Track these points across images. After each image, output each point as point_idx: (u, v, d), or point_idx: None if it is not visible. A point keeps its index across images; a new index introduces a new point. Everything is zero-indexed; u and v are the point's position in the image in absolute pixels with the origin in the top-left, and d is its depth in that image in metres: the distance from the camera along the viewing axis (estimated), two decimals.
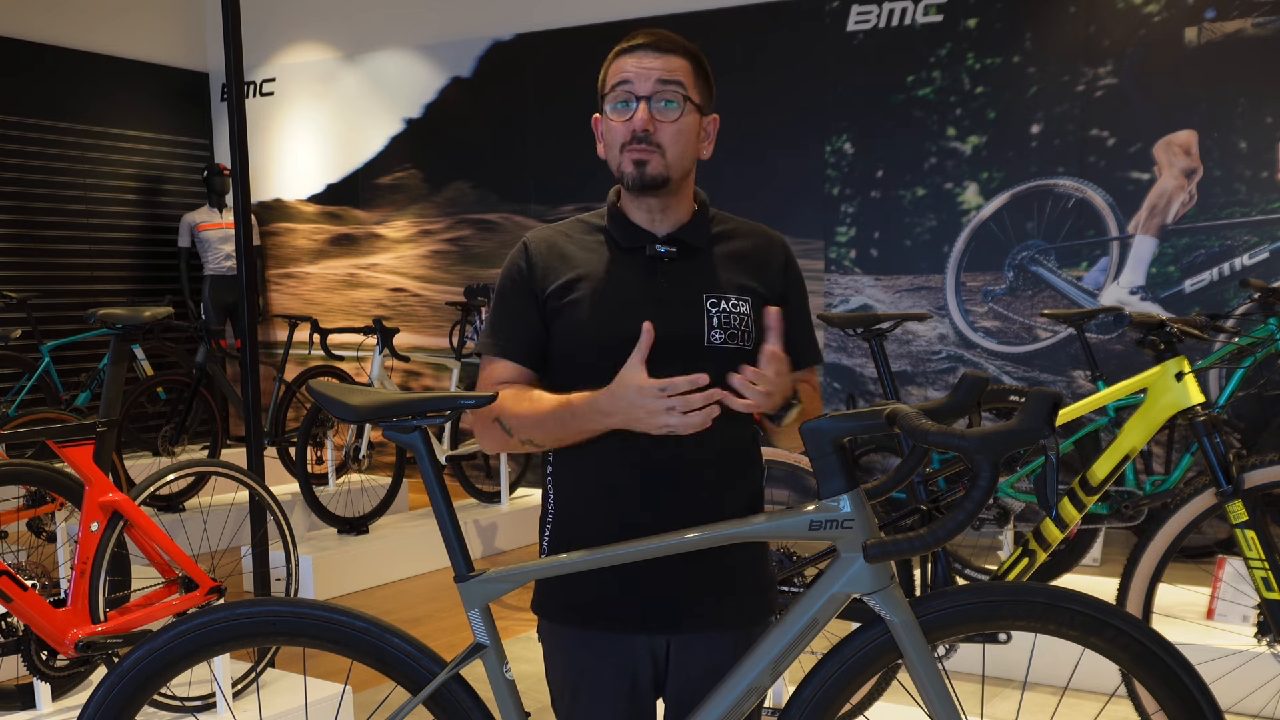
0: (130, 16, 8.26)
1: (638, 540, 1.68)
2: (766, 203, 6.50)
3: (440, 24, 7.78)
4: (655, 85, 1.80)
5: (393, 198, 8.08)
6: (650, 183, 1.81)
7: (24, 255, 7.61)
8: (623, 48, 1.85)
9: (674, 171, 1.83)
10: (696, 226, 1.89)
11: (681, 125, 1.82)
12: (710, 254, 1.89)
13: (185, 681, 3.37)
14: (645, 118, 1.80)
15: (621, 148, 1.82)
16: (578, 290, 1.85)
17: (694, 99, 1.84)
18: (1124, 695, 3.25)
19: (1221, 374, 5.24)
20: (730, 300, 1.84)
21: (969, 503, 1.47)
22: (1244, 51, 5.39)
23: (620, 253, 1.88)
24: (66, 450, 3.05)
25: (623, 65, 1.83)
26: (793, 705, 1.69)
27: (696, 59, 1.86)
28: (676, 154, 1.82)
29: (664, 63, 1.81)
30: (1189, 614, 4.03)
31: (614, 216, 1.90)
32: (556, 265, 1.87)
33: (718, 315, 1.83)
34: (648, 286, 1.84)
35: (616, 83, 1.82)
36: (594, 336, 1.82)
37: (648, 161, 1.80)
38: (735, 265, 1.89)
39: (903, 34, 6.16)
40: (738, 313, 1.84)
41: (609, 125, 1.85)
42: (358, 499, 6.02)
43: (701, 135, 1.88)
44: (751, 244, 1.93)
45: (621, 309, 1.82)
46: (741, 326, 1.84)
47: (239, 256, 3.80)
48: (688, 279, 1.85)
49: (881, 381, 3.65)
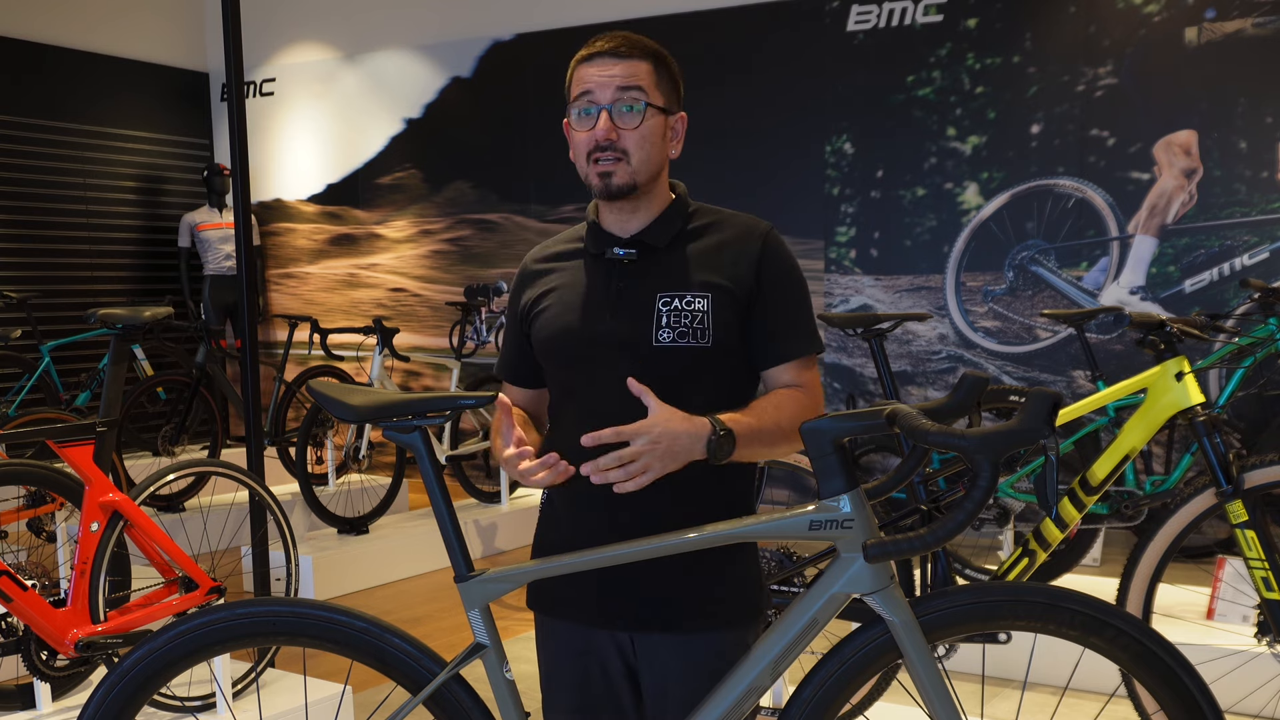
0: (130, 16, 8.26)
1: (639, 540, 1.68)
2: (766, 203, 6.49)
3: (440, 24, 7.78)
4: (615, 93, 1.81)
5: (393, 198, 8.09)
6: (617, 192, 1.83)
7: (24, 255, 7.61)
8: (583, 55, 1.85)
9: (640, 177, 1.83)
10: (662, 225, 1.88)
11: (644, 131, 1.82)
12: (675, 252, 1.88)
13: (185, 681, 3.37)
14: (607, 127, 1.80)
15: (588, 158, 1.84)
16: (547, 302, 1.92)
17: (656, 102, 1.84)
18: (1124, 695, 3.25)
19: (1221, 374, 5.24)
20: (685, 298, 1.83)
21: (969, 503, 1.47)
22: (1244, 51, 5.39)
23: (590, 260, 1.92)
24: (66, 450, 3.05)
25: (584, 74, 1.84)
26: (793, 705, 1.69)
27: (659, 59, 1.86)
28: (642, 159, 1.82)
29: (623, 68, 1.82)
30: (1189, 614, 4.03)
31: (590, 223, 1.94)
32: (535, 284, 1.96)
33: (668, 314, 1.82)
34: (604, 290, 1.87)
35: (579, 92, 1.83)
36: (555, 344, 1.89)
37: (613, 172, 1.82)
38: (702, 261, 1.86)
39: (903, 34, 6.16)
40: (690, 310, 1.82)
41: (573, 135, 1.86)
42: (358, 499, 6.02)
43: (669, 135, 1.88)
44: (726, 236, 1.89)
45: (578, 314, 1.87)
46: (694, 324, 1.81)
47: (239, 256, 3.80)
48: (644, 279, 1.86)
49: (881, 381, 3.65)
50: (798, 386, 1.87)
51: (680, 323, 1.82)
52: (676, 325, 1.82)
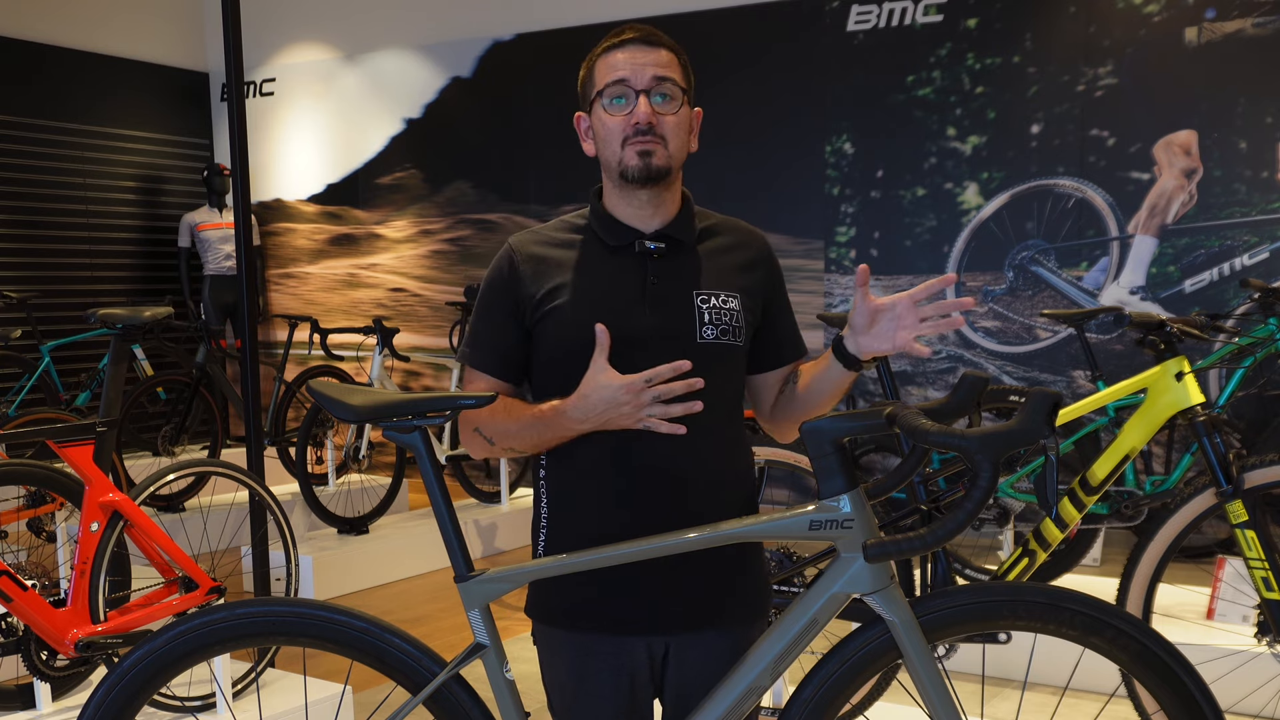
0: (130, 16, 8.26)
1: (638, 540, 1.68)
2: (767, 203, 6.49)
3: (440, 24, 7.78)
4: (652, 80, 1.80)
5: (393, 198, 8.08)
6: (656, 173, 1.80)
7: (24, 255, 7.61)
8: (610, 44, 1.84)
9: (675, 162, 1.83)
10: (685, 222, 1.88)
11: (680, 117, 1.84)
12: (698, 251, 1.89)
13: (185, 681, 3.37)
14: (648, 110, 1.79)
15: (624, 141, 1.80)
16: (563, 294, 1.83)
17: (687, 93, 1.86)
18: (1124, 695, 3.25)
19: (1221, 374, 5.24)
20: (720, 296, 1.85)
21: (969, 503, 1.47)
22: (1244, 51, 5.39)
23: (607, 251, 1.86)
24: (66, 450, 3.05)
25: (614, 61, 1.82)
26: (793, 705, 1.69)
27: (680, 53, 1.88)
28: (677, 146, 1.83)
29: (656, 57, 1.82)
30: (1189, 614, 4.03)
31: (599, 215, 1.89)
32: (542, 273, 1.85)
33: (709, 311, 1.83)
34: (639, 284, 1.84)
35: (611, 80, 1.81)
36: (584, 338, 1.76)
37: (653, 152, 1.80)
38: (724, 263, 1.89)
39: (903, 34, 6.16)
40: (728, 309, 1.85)
41: (604, 121, 1.83)
42: (358, 499, 6.02)
43: (691, 128, 1.89)
44: (734, 241, 1.94)
45: (613, 308, 1.81)
46: (732, 322, 1.85)
47: (239, 256, 3.80)
48: (678, 275, 1.85)
49: (881, 381, 3.65)
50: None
51: (721, 320, 1.84)
52: (718, 323, 1.83)
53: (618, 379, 1.69)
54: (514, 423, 1.81)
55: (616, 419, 1.71)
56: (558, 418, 1.75)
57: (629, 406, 1.70)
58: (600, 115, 1.84)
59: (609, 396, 1.69)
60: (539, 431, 1.79)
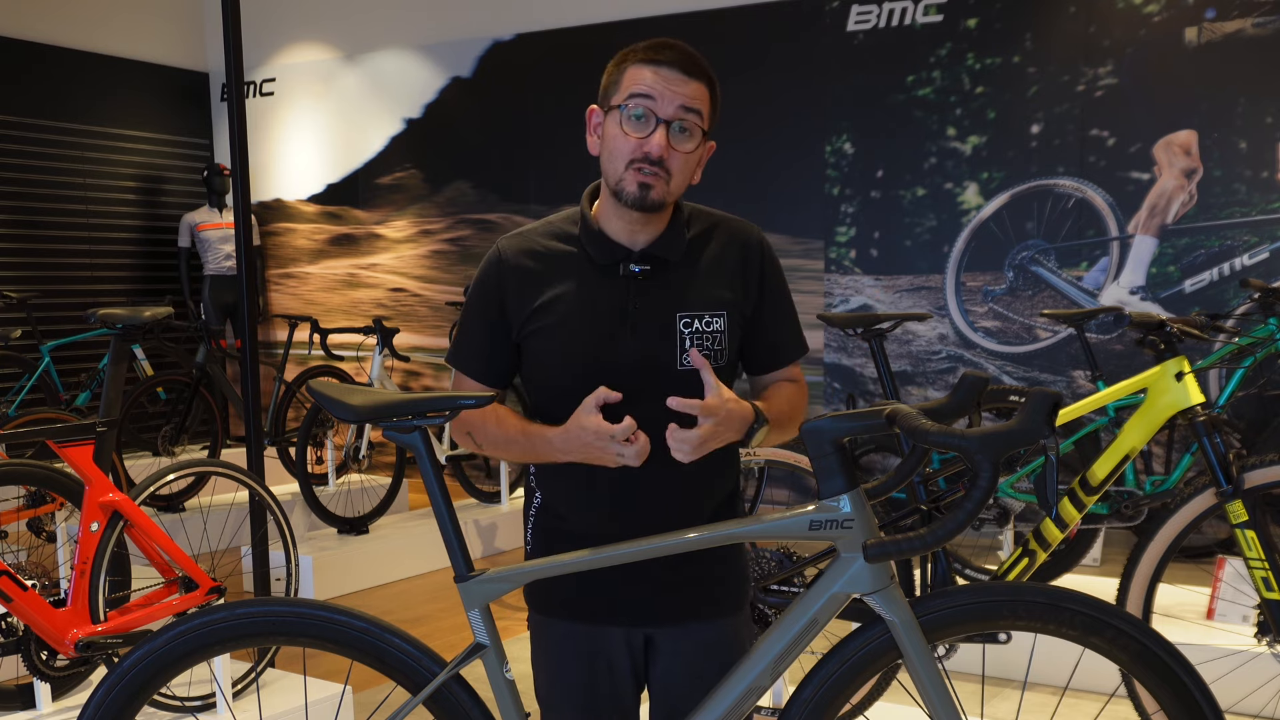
0: (130, 16, 8.26)
1: (637, 540, 1.69)
2: (767, 203, 6.50)
3: (440, 24, 7.78)
4: (678, 111, 1.75)
5: (393, 198, 8.08)
6: (650, 206, 1.79)
7: (24, 255, 7.61)
8: (645, 56, 1.77)
9: (672, 197, 1.81)
10: (673, 238, 1.85)
11: (692, 155, 1.80)
12: (686, 266, 1.86)
13: (185, 681, 3.37)
14: (663, 143, 1.75)
15: (628, 164, 1.77)
16: (552, 313, 1.84)
17: (707, 130, 1.81)
18: (1124, 695, 3.25)
19: (1221, 374, 5.24)
20: (704, 319, 1.84)
21: (969, 503, 1.47)
22: (1244, 51, 5.38)
23: (594, 270, 1.85)
24: (66, 450, 3.05)
25: (643, 76, 1.75)
26: (793, 705, 1.69)
27: (714, 85, 1.81)
28: (680, 182, 1.80)
29: (690, 89, 1.76)
30: (1189, 614, 4.03)
31: (588, 230, 1.86)
32: (531, 286, 1.85)
33: (690, 336, 1.83)
34: (620, 308, 1.83)
35: (637, 94, 1.75)
36: (568, 362, 1.83)
37: (653, 186, 1.77)
38: (711, 274, 1.87)
39: (903, 34, 6.16)
40: (710, 331, 1.84)
41: (616, 134, 1.78)
42: (358, 499, 6.02)
43: (699, 162, 1.85)
44: (728, 243, 1.90)
45: (595, 333, 1.82)
46: (715, 345, 1.85)
47: (239, 256, 3.80)
48: (661, 297, 1.84)
49: (881, 381, 3.65)
50: (793, 381, 1.97)
51: (703, 345, 1.84)
52: (700, 347, 1.83)
53: (594, 425, 1.72)
54: (503, 434, 1.86)
55: (597, 457, 1.75)
56: (544, 444, 1.80)
57: (597, 450, 1.73)
58: (614, 126, 1.79)
59: (588, 440, 1.73)
60: (523, 449, 1.84)
